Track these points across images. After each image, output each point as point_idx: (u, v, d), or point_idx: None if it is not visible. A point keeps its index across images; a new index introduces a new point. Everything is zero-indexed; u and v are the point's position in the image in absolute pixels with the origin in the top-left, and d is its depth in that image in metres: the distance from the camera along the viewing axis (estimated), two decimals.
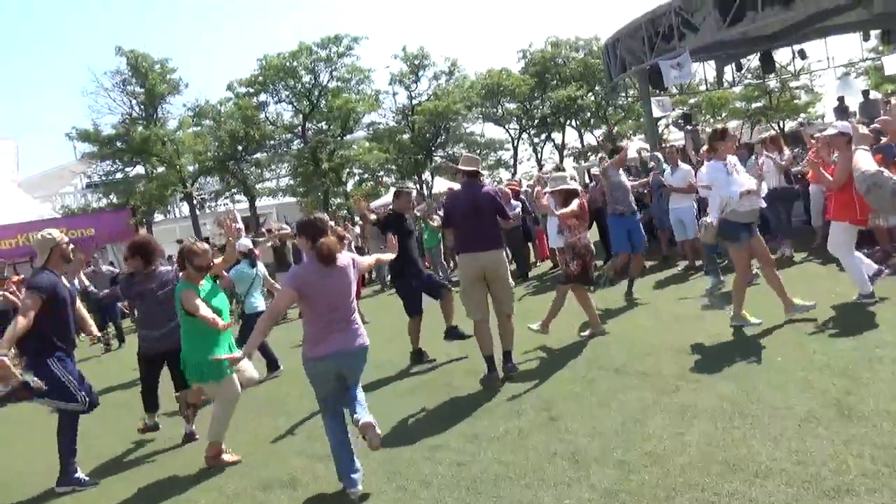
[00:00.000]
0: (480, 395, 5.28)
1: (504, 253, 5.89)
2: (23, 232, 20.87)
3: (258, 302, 7.55)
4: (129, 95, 29.23)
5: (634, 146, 18.11)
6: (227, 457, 4.79)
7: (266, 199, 36.08)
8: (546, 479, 3.62)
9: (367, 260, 4.60)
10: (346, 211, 26.44)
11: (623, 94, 26.02)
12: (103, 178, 30.18)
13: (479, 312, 5.62)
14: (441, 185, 27.33)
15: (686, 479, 3.34)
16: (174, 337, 5.14)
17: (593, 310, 6.57)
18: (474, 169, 5.87)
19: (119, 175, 29.93)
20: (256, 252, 8.04)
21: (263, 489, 4.22)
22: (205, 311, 4.54)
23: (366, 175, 34.96)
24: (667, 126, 32.81)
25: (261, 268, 7.86)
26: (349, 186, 35.37)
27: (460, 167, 5.87)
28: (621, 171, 8.10)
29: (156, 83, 28.67)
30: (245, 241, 6.95)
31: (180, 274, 5.00)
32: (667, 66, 15.59)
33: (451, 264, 13.18)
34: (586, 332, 6.48)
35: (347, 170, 33.89)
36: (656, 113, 19.20)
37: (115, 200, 29.14)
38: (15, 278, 13.16)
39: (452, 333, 6.71)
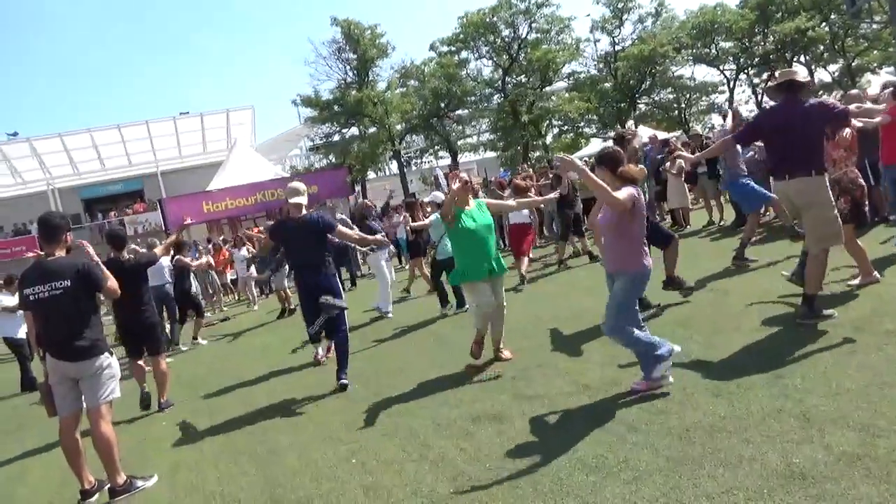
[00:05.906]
0: (692, 344, 4.98)
1: (825, 178, 4.77)
2: (260, 190, 22.86)
3: (450, 248, 7.98)
4: (343, 62, 31.63)
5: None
6: (506, 353, 5.78)
7: (468, 154, 37.05)
8: (771, 436, 3.32)
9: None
10: (545, 163, 26.15)
11: (867, 21, 22.35)
12: (323, 139, 33.09)
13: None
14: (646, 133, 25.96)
15: None
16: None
17: (865, 255, 5.62)
18: (795, 80, 4.82)
19: (336, 137, 32.66)
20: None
21: (473, 421, 4.40)
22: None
23: (565, 126, 34.26)
24: None
25: None
26: (549, 139, 34.99)
27: (773, 84, 4.99)
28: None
29: (367, 48, 30.64)
30: (438, 194, 7.38)
31: None
32: None
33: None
34: (855, 282, 5.64)
35: (547, 122, 33.49)
36: None
37: (333, 160, 31.92)
38: (255, 230, 15.12)
39: (672, 282, 6.42)
